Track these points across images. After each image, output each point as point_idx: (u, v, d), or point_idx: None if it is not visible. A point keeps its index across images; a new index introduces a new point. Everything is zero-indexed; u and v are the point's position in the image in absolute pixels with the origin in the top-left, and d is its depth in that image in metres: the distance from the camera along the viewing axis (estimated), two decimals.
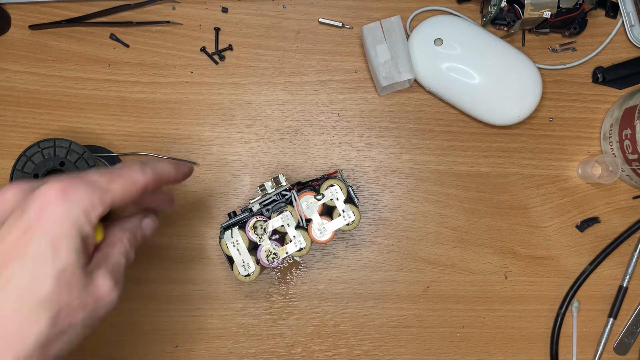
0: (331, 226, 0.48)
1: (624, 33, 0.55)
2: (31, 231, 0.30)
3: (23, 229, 0.30)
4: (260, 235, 0.47)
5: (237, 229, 0.47)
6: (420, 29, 0.53)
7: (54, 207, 0.31)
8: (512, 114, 0.52)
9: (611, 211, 0.55)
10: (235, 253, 0.47)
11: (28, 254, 0.30)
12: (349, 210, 0.48)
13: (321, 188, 0.48)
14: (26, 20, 0.54)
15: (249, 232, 0.47)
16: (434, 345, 0.54)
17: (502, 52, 0.52)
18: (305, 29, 0.55)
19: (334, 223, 0.48)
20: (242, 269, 0.47)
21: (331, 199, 0.48)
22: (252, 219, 0.47)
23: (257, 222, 0.47)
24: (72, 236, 0.31)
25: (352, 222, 0.48)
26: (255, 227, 0.47)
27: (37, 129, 0.54)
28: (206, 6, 0.55)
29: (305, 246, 0.47)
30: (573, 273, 0.55)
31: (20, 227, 0.30)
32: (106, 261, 0.34)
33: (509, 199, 0.55)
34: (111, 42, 0.54)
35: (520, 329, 0.55)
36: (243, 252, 0.47)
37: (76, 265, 0.31)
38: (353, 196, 0.49)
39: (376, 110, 0.55)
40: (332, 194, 0.48)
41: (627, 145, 0.50)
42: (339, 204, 0.48)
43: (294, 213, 0.48)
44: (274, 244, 0.47)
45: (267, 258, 0.47)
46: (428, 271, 0.54)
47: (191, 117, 0.54)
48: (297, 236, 0.47)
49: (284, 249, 0.47)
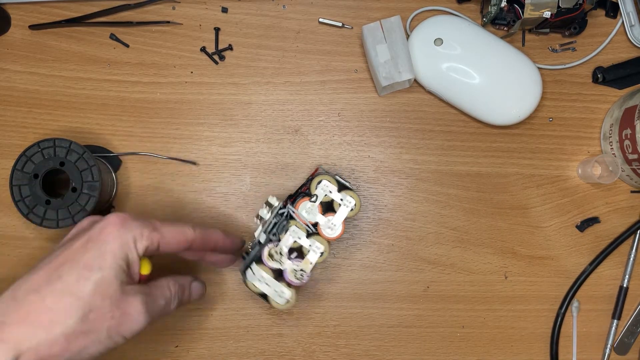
0: (338, 219, 0.47)
1: (624, 33, 0.55)
2: (90, 243, 0.37)
3: (85, 241, 0.38)
4: (279, 260, 0.47)
5: (256, 264, 0.47)
6: (420, 29, 0.53)
7: (111, 229, 0.38)
8: (512, 114, 0.52)
9: (611, 211, 0.55)
10: (265, 287, 0.46)
11: (81, 259, 0.37)
12: (346, 197, 0.47)
13: (311, 190, 0.48)
14: (26, 20, 0.54)
15: (267, 262, 0.47)
16: (434, 345, 0.54)
17: (502, 52, 0.52)
18: (305, 29, 0.55)
19: (339, 214, 0.47)
20: (279, 299, 0.46)
21: (325, 194, 0.47)
22: (264, 250, 0.47)
23: (271, 250, 0.47)
24: (118, 255, 0.37)
25: (355, 205, 0.47)
26: (271, 255, 0.47)
27: (37, 129, 0.54)
28: (206, 6, 0.55)
29: (324, 249, 0.47)
30: (573, 273, 0.55)
31: (83, 239, 0.38)
32: (146, 293, 0.39)
33: (509, 199, 0.55)
34: (111, 42, 0.54)
35: (520, 329, 0.55)
36: (272, 283, 0.47)
37: (115, 279, 0.37)
38: (344, 182, 0.48)
39: (376, 110, 0.55)
40: (324, 190, 0.47)
41: (627, 145, 0.50)
42: (334, 195, 0.47)
43: (299, 224, 0.47)
44: (295, 262, 0.47)
45: (296, 277, 0.47)
46: (428, 271, 0.54)
47: (191, 117, 0.54)
48: (312, 244, 0.47)
49: (307, 261, 0.47)
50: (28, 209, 0.48)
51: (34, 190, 0.47)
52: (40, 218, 0.48)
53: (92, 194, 0.48)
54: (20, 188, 0.47)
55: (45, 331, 0.34)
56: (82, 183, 0.48)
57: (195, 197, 0.54)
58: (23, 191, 0.47)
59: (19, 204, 0.47)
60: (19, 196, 0.47)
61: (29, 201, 0.48)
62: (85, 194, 0.48)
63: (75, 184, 0.48)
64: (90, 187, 0.48)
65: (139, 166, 0.54)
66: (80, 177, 0.48)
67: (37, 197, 0.47)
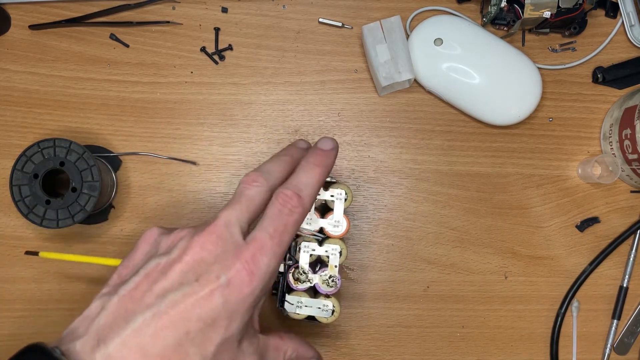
0: (337, 214, 0.47)
1: (624, 33, 0.55)
2: (217, 292, 0.31)
3: (210, 290, 0.31)
4: (307, 279, 0.46)
5: (288, 295, 0.47)
6: (420, 29, 0.53)
7: (243, 284, 0.32)
8: (512, 114, 0.52)
9: (611, 211, 0.55)
10: (308, 310, 0.46)
11: (207, 314, 0.31)
12: (335, 191, 0.47)
13: None
14: (26, 20, 0.54)
15: (297, 287, 0.46)
16: (434, 345, 0.54)
17: (502, 52, 0.52)
18: (305, 29, 0.55)
19: (337, 210, 0.47)
20: (325, 314, 0.46)
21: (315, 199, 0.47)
22: (288, 277, 0.46)
23: (294, 273, 0.46)
24: (246, 314, 0.32)
25: (346, 194, 0.47)
26: (297, 279, 0.46)
27: (37, 129, 0.54)
28: (206, 6, 0.55)
29: (341, 247, 0.47)
30: (573, 273, 0.55)
31: (209, 287, 0.31)
32: (261, 354, 0.35)
33: (509, 199, 0.55)
34: (111, 42, 0.54)
35: (520, 329, 0.55)
36: (311, 303, 0.46)
37: (236, 338, 0.32)
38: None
39: (376, 110, 0.55)
40: None
41: (627, 145, 0.50)
42: (323, 195, 0.47)
43: (307, 237, 0.47)
44: (321, 272, 0.47)
45: (329, 285, 0.46)
46: (428, 271, 0.54)
47: (191, 117, 0.54)
48: (327, 249, 0.47)
49: (331, 267, 0.47)
50: (28, 209, 0.48)
51: (33, 190, 0.47)
52: (40, 218, 0.48)
53: (92, 194, 0.48)
54: (20, 188, 0.47)
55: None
56: (82, 183, 0.48)
57: (196, 197, 0.54)
58: (23, 191, 0.47)
59: (19, 203, 0.47)
60: (19, 196, 0.47)
61: (29, 201, 0.48)
62: (85, 194, 0.48)
63: (75, 184, 0.48)
64: (90, 187, 0.48)
65: (139, 166, 0.54)
66: (80, 177, 0.48)
67: (37, 197, 0.47)
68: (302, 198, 0.36)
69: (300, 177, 0.37)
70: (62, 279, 0.53)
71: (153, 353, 0.29)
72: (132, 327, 0.30)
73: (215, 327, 0.31)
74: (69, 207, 0.48)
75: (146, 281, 0.32)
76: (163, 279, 0.32)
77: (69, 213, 0.48)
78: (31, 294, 0.53)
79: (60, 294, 0.53)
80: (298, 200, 0.35)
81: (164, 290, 0.31)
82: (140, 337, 0.29)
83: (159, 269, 0.32)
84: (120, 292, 0.32)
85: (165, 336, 0.30)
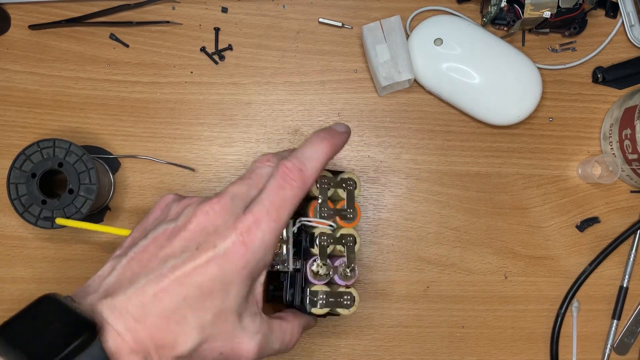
0: (350, 203, 0.43)
1: (624, 33, 0.55)
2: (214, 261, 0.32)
3: (208, 258, 0.32)
4: (326, 272, 0.42)
5: (309, 290, 0.42)
6: (420, 29, 0.53)
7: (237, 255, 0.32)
8: (512, 114, 0.52)
9: (611, 211, 0.55)
10: (330, 304, 0.42)
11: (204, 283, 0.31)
12: (344, 179, 0.44)
13: (312, 192, 0.43)
14: (26, 20, 0.54)
15: (318, 281, 0.42)
16: (434, 345, 0.54)
17: (502, 52, 0.52)
18: (305, 29, 0.55)
19: (349, 198, 0.43)
20: (347, 305, 0.43)
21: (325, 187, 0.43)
22: (307, 272, 0.42)
23: (314, 268, 0.42)
24: (242, 286, 0.33)
25: (355, 182, 0.44)
26: (317, 273, 0.42)
27: (37, 129, 0.54)
28: (206, 6, 0.55)
29: (355, 236, 0.43)
30: (573, 273, 0.55)
31: (207, 255, 0.32)
32: (264, 333, 0.35)
33: (509, 199, 0.55)
34: (111, 42, 0.54)
35: (520, 329, 0.55)
36: (332, 296, 0.42)
37: (235, 311, 0.33)
38: (334, 170, 0.45)
39: (376, 110, 0.55)
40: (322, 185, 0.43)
41: (627, 145, 0.50)
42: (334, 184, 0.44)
43: (322, 228, 0.42)
44: (338, 262, 0.43)
45: (347, 275, 0.43)
46: (428, 271, 0.54)
47: (191, 117, 0.54)
48: (343, 238, 0.43)
49: (348, 257, 0.43)
50: (24, 208, 0.47)
51: (30, 190, 0.47)
52: (35, 217, 0.47)
53: (89, 197, 0.48)
54: (17, 186, 0.47)
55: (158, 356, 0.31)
56: (79, 185, 0.48)
57: None
58: (20, 190, 0.47)
59: (15, 202, 0.47)
60: (15, 194, 0.47)
61: (25, 200, 0.47)
62: (82, 197, 0.48)
63: (72, 186, 0.47)
64: (87, 189, 0.48)
65: (138, 166, 0.54)
66: (77, 179, 0.48)
67: (33, 197, 0.47)
68: (304, 172, 0.35)
69: (305, 150, 0.36)
70: (62, 279, 0.53)
71: (152, 312, 0.31)
72: (135, 287, 0.31)
73: (212, 296, 0.32)
74: (64, 209, 0.48)
75: (153, 245, 0.33)
76: (168, 244, 0.33)
77: (64, 214, 0.47)
78: (31, 294, 0.53)
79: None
80: (299, 174, 0.34)
81: (167, 255, 0.32)
82: (142, 296, 0.31)
83: (165, 234, 0.34)
84: (129, 255, 0.34)
85: (164, 298, 0.31)
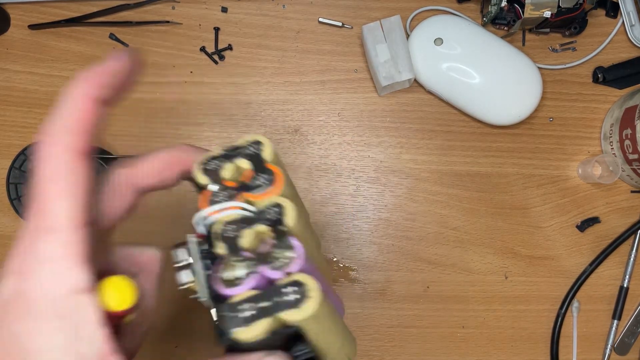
0: (257, 166, 0.28)
1: (624, 33, 0.55)
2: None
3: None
4: (249, 268, 0.24)
5: (229, 310, 0.23)
6: (420, 29, 0.53)
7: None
8: (512, 113, 0.52)
9: (611, 211, 0.55)
10: (266, 311, 0.23)
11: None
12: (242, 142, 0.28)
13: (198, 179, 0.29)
14: (25, 20, 0.54)
15: (233, 290, 0.24)
16: (434, 345, 0.54)
17: (503, 51, 0.52)
18: (305, 29, 0.55)
19: (255, 164, 0.28)
20: (298, 299, 0.23)
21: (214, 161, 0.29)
22: (215, 281, 0.25)
23: (221, 273, 0.25)
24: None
25: (261, 142, 0.28)
26: (228, 280, 0.24)
27: (37, 129, 0.54)
28: (206, 6, 0.55)
29: (284, 203, 0.25)
30: (573, 273, 0.55)
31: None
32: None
33: (509, 199, 0.55)
34: (111, 42, 0.54)
35: (521, 329, 0.55)
36: (266, 298, 0.23)
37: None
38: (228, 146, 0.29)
39: (376, 110, 0.55)
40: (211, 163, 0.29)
41: (627, 145, 0.50)
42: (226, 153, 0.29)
43: (228, 216, 0.27)
44: (263, 247, 0.25)
45: (281, 260, 0.24)
46: (428, 271, 0.54)
47: (191, 117, 0.54)
48: (265, 210, 0.26)
49: (279, 231, 0.25)
50: (23, 208, 0.47)
51: None
52: None
53: None
54: (16, 186, 0.47)
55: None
56: None
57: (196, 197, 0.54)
58: (19, 190, 0.47)
59: (14, 202, 0.47)
60: (14, 194, 0.47)
61: (25, 200, 0.47)
62: None
63: None
64: None
65: None
66: None
67: None
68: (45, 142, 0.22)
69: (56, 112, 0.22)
70: None
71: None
72: None
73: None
74: None
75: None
76: None
77: None
78: None
79: None
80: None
81: None
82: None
83: None
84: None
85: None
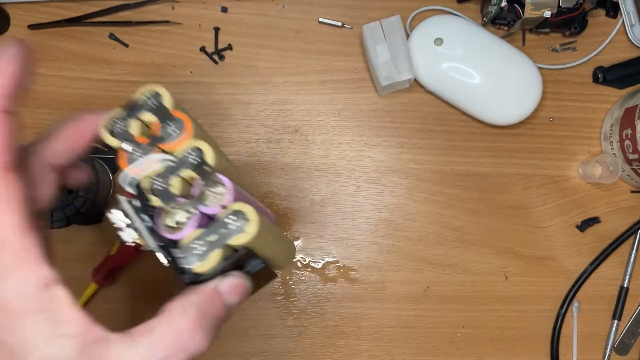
0: (163, 116, 0.27)
1: (625, 33, 0.55)
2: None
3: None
4: (187, 209, 0.27)
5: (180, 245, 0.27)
6: (420, 29, 0.53)
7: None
8: (512, 113, 0.52)
9: (612, 211, 0.55)
10: (216, 243, 0.26)
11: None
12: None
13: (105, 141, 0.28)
14: (25, 19, 0.54)
15: (177, 234, 0.27)
16: (434, 345, 0.54)
17: (503, 51, 0.52)
18: (305, 29, 0.55)
19: (159, 114, 0.28)
20: (239, 227, 0.26)
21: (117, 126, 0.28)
22: (163, 232, 0.27)
23: (164, 217, 0.27)
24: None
25: (160, 92, 0.28)
26: (171, 226, 0.27)
27: (37, 129, 0.53)
28: (206, 6, 0.55)
29: (198, 147, 0.27)
30: (573, 273, 0.55)
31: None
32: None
33: (510, 199, 0.55)
34: (110, 42, 0.54)
35: (521, 329, 0.55)
36: (210, 231, 0.26)
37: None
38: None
39: (376, 110, 0.55)
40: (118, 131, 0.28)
41: (627, 145, 0.50)
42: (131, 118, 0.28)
43: (151, 173, 0.27)
44: (195, 190, 0.27)
45: (214, 195, 0.27)
46: (428, 271, 0.54)
47: None
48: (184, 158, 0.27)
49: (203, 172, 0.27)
50: None
51: None
52: None
53: (88, 197, 0.48)
54: None
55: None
56: None
57: None
58: None
59: None
60: None
61: None
62: (81, 197, 0.48)
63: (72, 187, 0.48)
64: (86, 190, 0.48)
65: None
66: None
67: None
68: None
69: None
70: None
71: None
72: None
73: None
74: (64, 209, 0.47)
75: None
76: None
77: (64, 215, 0.47)
78: None
79: None
80: None
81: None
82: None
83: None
84: None
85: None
